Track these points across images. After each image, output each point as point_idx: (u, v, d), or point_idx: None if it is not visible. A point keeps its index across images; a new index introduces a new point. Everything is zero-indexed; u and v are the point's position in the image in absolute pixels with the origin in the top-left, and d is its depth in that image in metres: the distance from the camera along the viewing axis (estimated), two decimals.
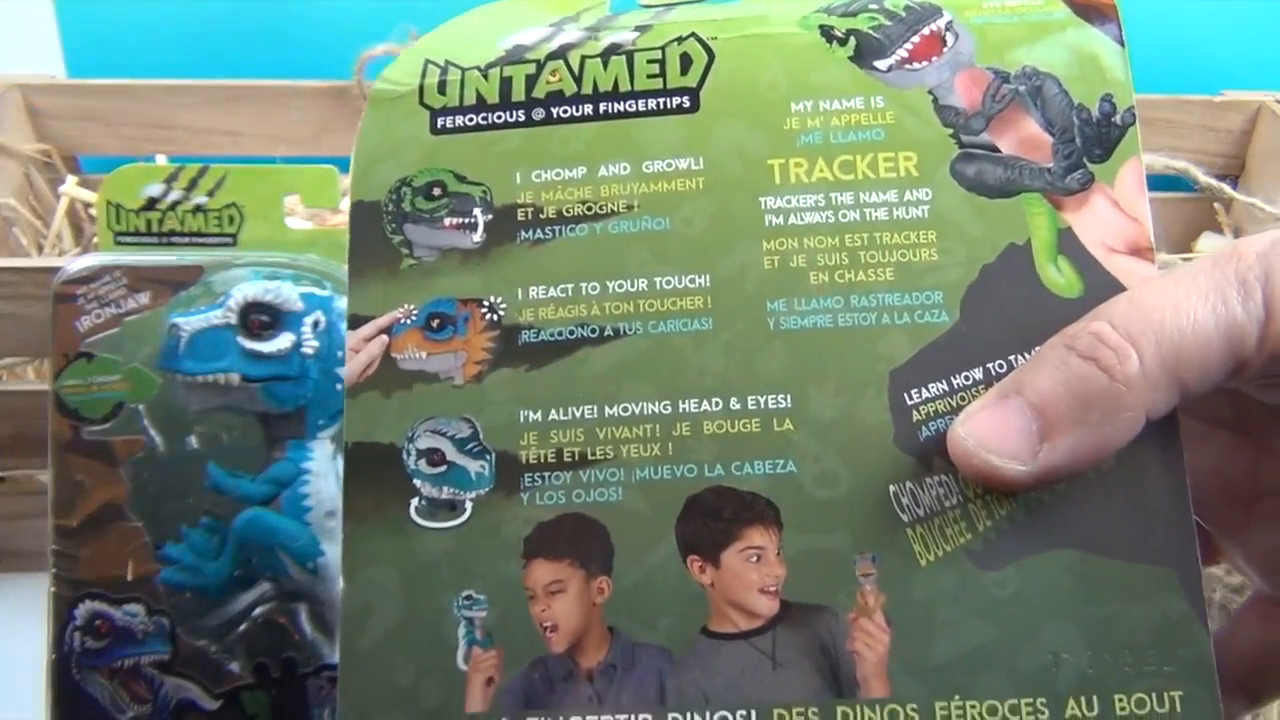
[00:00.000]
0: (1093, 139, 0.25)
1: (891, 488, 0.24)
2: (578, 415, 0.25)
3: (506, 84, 0.27)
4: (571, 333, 0.25)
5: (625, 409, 0.25)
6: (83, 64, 0.72)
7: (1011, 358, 0.24)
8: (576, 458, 0.25)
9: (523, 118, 0.26)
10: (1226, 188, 0.56)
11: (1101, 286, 0.24)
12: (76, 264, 0.36)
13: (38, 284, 0.45)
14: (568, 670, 0.24)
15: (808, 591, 0.24)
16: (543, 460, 0.25)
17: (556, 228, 0.26)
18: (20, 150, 0.63)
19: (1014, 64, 0.26)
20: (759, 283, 0.25)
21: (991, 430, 0.22)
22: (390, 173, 0.26)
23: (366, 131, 0.27)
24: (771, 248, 0.25)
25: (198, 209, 0.39)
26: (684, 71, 0.26)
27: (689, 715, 0.23)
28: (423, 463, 0.25)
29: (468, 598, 0.24)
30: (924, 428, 0.24)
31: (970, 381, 0.24)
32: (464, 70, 0.27)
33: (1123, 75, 0.25)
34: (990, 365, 0.24)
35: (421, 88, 0.27)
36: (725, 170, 0.26)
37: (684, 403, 0.25)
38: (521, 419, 0.25)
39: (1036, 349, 0.23)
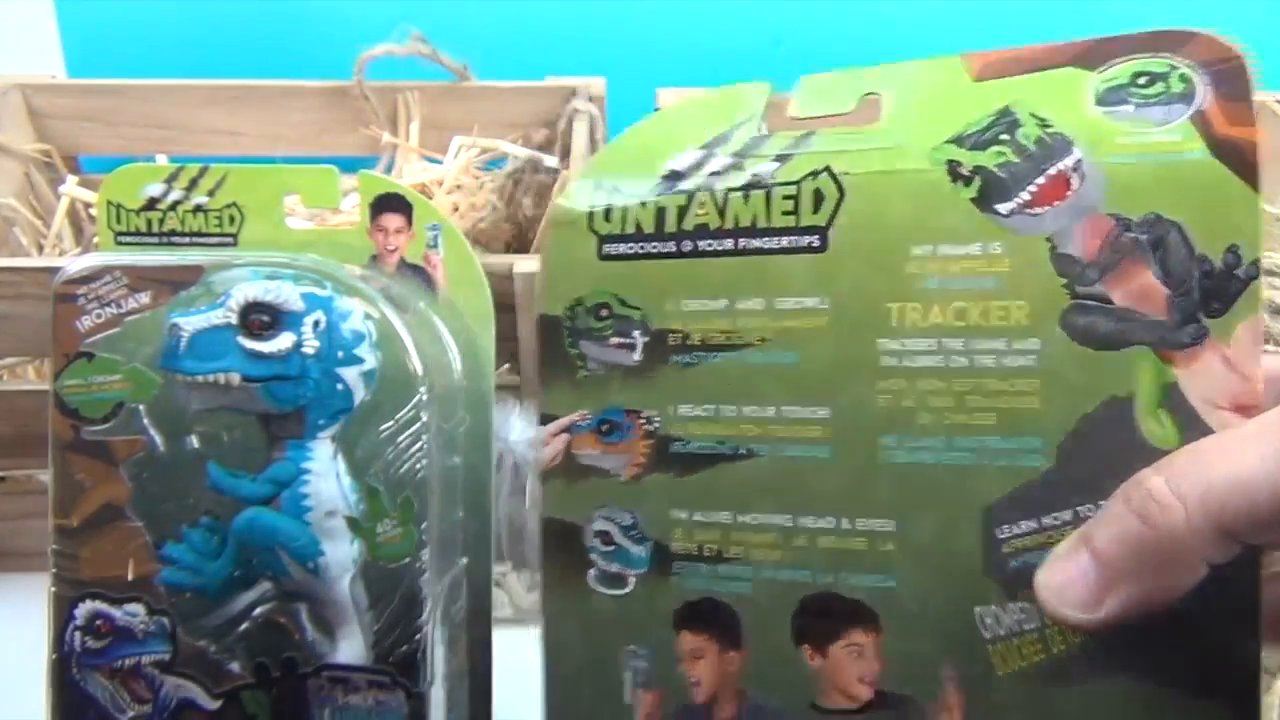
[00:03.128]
0: (1211, 292, 0.25)
1: (978, 609, 0.27)
2: (716, 519, 0.29)
3: (661, 215, 0.30)
4: (712, 448, 0.29)
5: (754, 518, 0.29)
6: (83, 64, 0.72)
7: (1101, 502, 0.25)
8: (714, 553, 0.29)
9: (674, 249, 0.30)
10: None
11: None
12: (76, 264, 0.36)
13: (38, 284, 0.45)
14: (706, 718, 0.30)
15: (898, 685, 0.28)
16: (688, 552, 0.30)
17: (701, 354, 0.29)
18: (20, 150, 0.63)
19: (1139, 210, 0.25)
20: (873, 418, 0.28)
21: (1063, 582, 0.24)
22: (568, 291, 0.30)
23: (550, 250, 0.31)
24: (885, 387, 0.28)
25: (198, 209, 0.39)
26: (815, 209, 0.28)
27: None
28: (597, 541, 0.31)
29: (632, 651, 0.30)
30: (1012, 560, 0.26)
31: (1059, 522, 0.26)
32: (627, 198, 0.30)
33: (1253, 225, 0.24)
34: (1080, 508, 0.26)
35: (591, 214, 0.30)
36: (848, 311, 0.28)
37: (803, 518, 0.28)
38: (672, 516, 0.30)
39: None
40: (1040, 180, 0.26)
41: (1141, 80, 0.26)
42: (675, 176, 0.30)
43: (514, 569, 0.51)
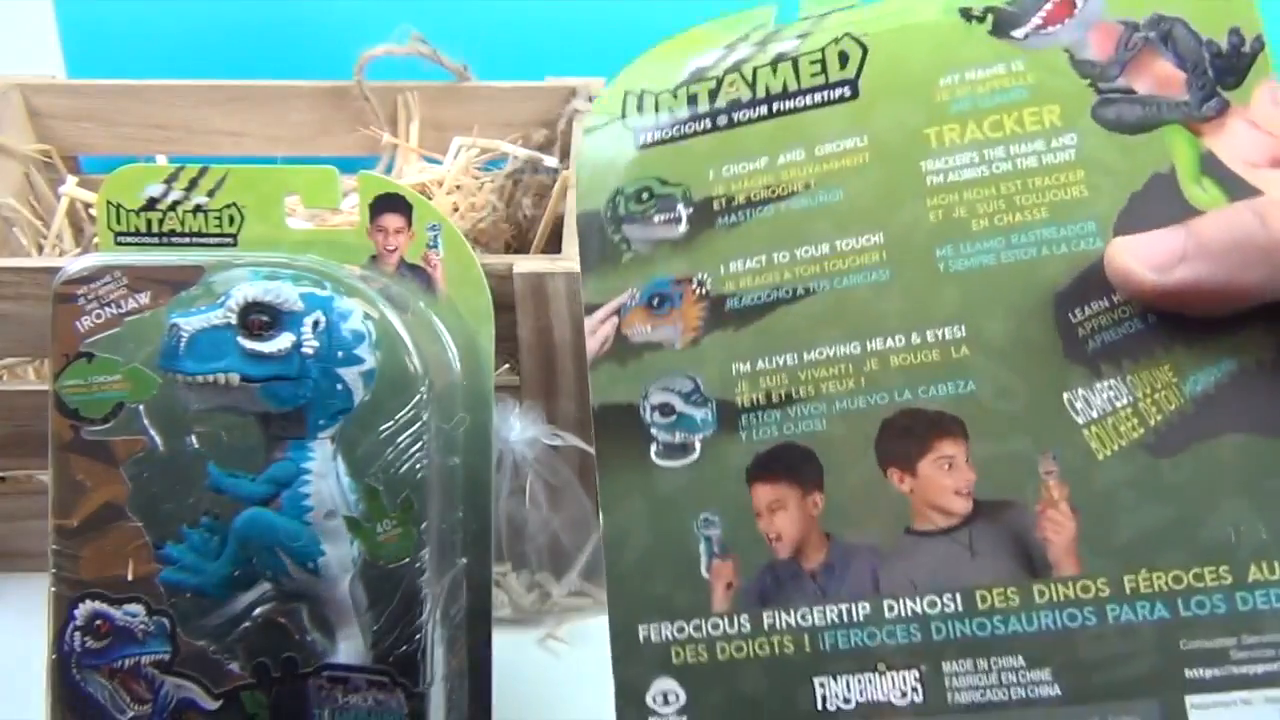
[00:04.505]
0: (1224, 69, 0.27)
1: (1065, 395, 0.27)
2: (781, 363, 0.29)
3: (693, 99, 0.32)
4: (769, 295, 0.30)
5: (821, 353, 0.29)
6: (83, 64, 0.72)
7: None
8: (783, 397, 0.29)
9: (709, 125, 0.31)
10: None
11: (1247, 198, 0.26)
12: (76, 264, 0.36)
13: (38, 284, 0.45)
14: (793, 571, 0.28)
15: (997, 490, 0.27)
16: (755, 402, 0.29)
17: (746, 211, 0.30)
18: (20, 150, 0.63)
19: (1142, 13, 0.28)
20: (927, 234, 0.29)
21: (1145, 242, 0.25)
22: (607, 185, 0.31)
23: (584, 154, 0.32)
24: (935, 203, 0.29)
25: (198, 209, 0.39)
26: (843, 65, 0.30)
27: (900, 600, 0.27)
28: (656, 415, 0.30)
29: (705, 520, 0.29)
30: (1090, 340, 0.27)
31: None
32: (657, 93, 0.32)
33: (1247, 6, 0.27)
34: None
35: (624, 111, 0.32)
36: (887, 143, 0.29)
37: (871, 342, 0.29)
38: (734, 371, 0.30)
39: None
40: (1047, 6, 0.29)
41: None
42: (701, 70, 0.32)
43: (514, 569, 0.51)
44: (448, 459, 0.37)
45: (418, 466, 0.35)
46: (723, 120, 0.31)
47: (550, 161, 0.62)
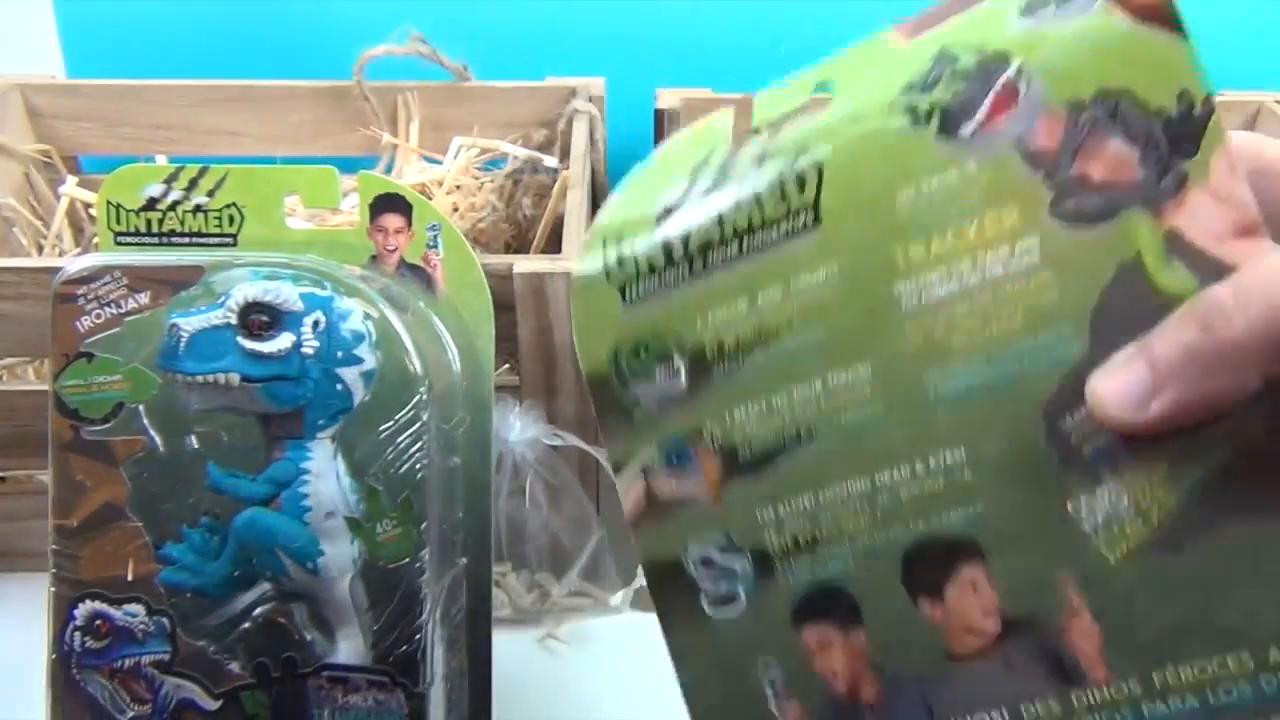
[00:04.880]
0: (1178, 137, 0.26)
1: (1069, 505, 0.27)
2: (800, 507, 0.30)
3: (669, 249, 0.31)
4: (776, 441, 0.30)
5: (834, 493, 0.29)
6: (83, 64, 0.72)
7: None
8: (809, 540, 0.30)
9: (688, 271, 0.31)
10: None
11: (1216, 276, 0.25)
12: (76, 264, 0.36)
13: (38, 284, 0.45)
14: (855, 709, 0.29)
15: (1021, 606, 0.28)
16: (785, 548, 0.30)
17: (739, 357, 0.30)
18: (20, 150, 0.63)
19: (1085, 91, 0.27)
20: (912, 359, 0.29)
21: (1112, 387, 0.26)
22: (605, 345, 0.32)
23: (578, 314, 0.32)
24: (913, 325, 0.28)
25: (198, 209, 0.39)
26: (801, 190, 0.30)
27: None
28: (700, 569, 0.31)
29: (764, 663, 0.30)
30: (1084, 446, 0.27)
31: None
32: (634, 242, 0.32)
33: (1192, 69, 0.26)
34: None
35: (607, 270, 0.32)
36: (857, 269, 0.29)
37: (880, 476, 0.29)
38: (760, 519, 0.30)
39: None
40: (990, 97, 0.28)
41: None
42: (669, 211, 0.31)
43: (514, 569, 0.51)
44: (448, 459, 0.37)
45: (418, 466, 0.35)
46: (698, 265, 0.31)
47: (550, 161, 0.62)
